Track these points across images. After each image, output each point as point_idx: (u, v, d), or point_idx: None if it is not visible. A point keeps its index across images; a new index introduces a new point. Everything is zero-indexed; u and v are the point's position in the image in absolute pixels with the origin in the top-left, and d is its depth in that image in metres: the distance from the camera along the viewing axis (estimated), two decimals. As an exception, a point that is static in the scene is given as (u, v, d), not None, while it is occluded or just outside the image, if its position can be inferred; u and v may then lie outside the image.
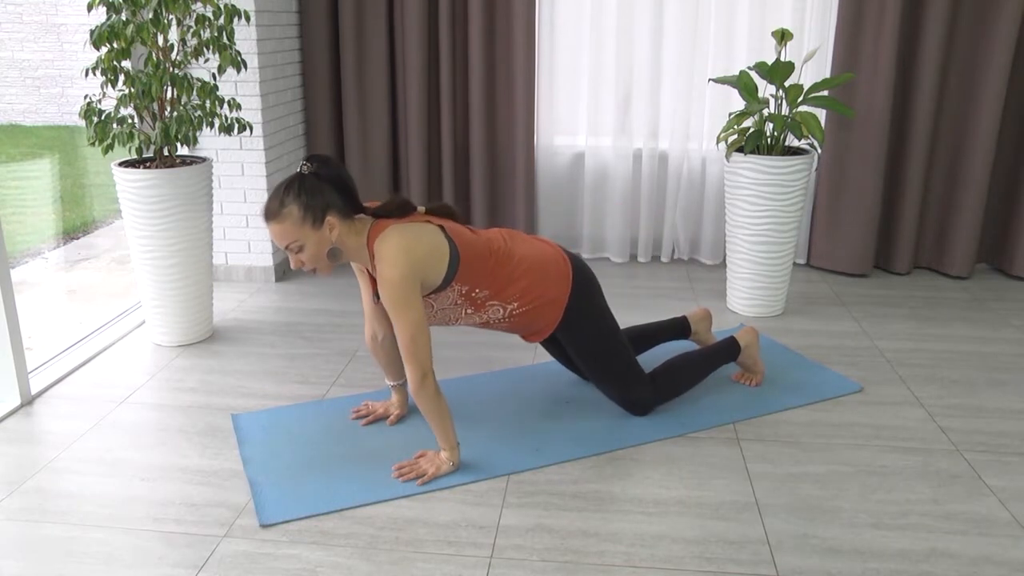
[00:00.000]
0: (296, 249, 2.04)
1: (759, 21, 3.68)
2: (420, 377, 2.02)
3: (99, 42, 2.65)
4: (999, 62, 3.46)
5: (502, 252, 2.21)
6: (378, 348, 2.37)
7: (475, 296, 2.19)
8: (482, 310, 2.23)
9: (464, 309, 2.22)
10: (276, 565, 1.81)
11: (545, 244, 2.34)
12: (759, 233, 3.17)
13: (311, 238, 2.03)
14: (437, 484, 2.10)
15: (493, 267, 2.18)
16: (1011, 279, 3.78)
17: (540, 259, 2.26)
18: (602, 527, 1.94)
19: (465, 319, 2.26)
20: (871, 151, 3.61)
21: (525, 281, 2.22)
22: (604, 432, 2.37)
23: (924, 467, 2.20)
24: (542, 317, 2.28)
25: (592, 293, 2.34)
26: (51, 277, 4.47)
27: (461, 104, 3.91)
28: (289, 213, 2.00)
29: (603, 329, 2.35)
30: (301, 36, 3.84)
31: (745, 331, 2.66)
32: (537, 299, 2.24)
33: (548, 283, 2.25)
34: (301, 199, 2.00)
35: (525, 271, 2.22)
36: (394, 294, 1.99)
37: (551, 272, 2.26)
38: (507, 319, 2.27)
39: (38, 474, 2.16)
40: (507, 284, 2.20)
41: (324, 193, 2.02)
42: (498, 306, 2.23)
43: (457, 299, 2.18)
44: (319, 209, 2.01)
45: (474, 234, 2.21)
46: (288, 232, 2.02)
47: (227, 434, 2.37)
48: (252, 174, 3.56)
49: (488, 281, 2.18)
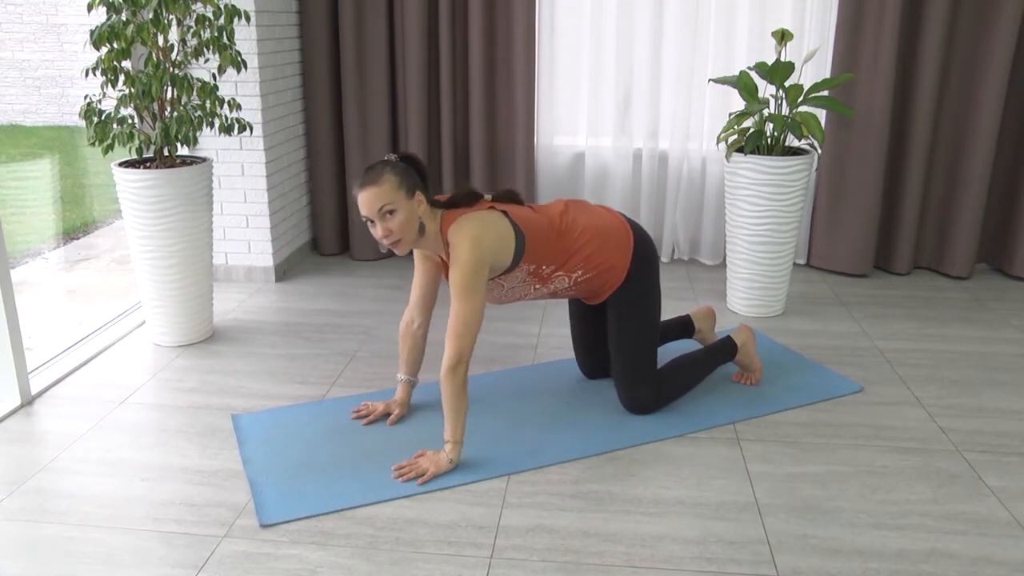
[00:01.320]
0: (388, 212, 2.12)
1: (759, 21, 3.68)
2: (456, 362, 2.09)
3: (99, 42, 2.66)
4: (999, 62, 3.46)
5: (564, 225, 2.32)
6: (409, 334, 2.45)
7: (542, 272, 2.31)
8: (549, 282, 2.35)
9: (532, 285, 2.35)
10: (276, 565, 1.81)
11: (609, 213, 2.44)
12: (759, 233, 3.17)
13: (404, 205, 2.13)
14: (437, 484, 2.10)
15: (555, 242, 2.29)
16: (1011, 279, 3.78)
17: (602, 228, 2.37)
18: (602, 527, 1.94)
19: (534, 293, 2.39)
20: (871, 151, 3.61)
21: (588, 249, 2.33)
22: (604, 432, 2.37)
23: (924, 467, 2.20)
24: (604, 282, 2.39)
25: (651, 266, 2.44)
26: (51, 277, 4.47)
27: (461, 104, 3.91)
28: (388, 179, 2.12)
29: (649, 310, 2.44)
30: (301, 36, 3.84)
31: (740, 330, 2.67)
32: (599, 265, 2.35)
33: (609, 250, 2.36)
34: (397, 170, 2.14)
35: (588, 240, 2.33)
36: (464, 278, 2.10)
37: (612, 239, 2.37)
38: (572, 287, 2.39)
39: (38, 474, 2.16)
40: (570, 255, 2.32)
41: (413, 175, 2.18)
42: (563, 276, 2.35)
43: (525, 277, 2.31)
44: (411, 184, 2.15)
45: (536, 213, 2.32)
46: (385, 194, 2.11)
47: (227, 434, 2.37)
48: (252, 174, 3.56)
49: (552, 256, 2.30)
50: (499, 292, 2.35)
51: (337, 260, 4.06)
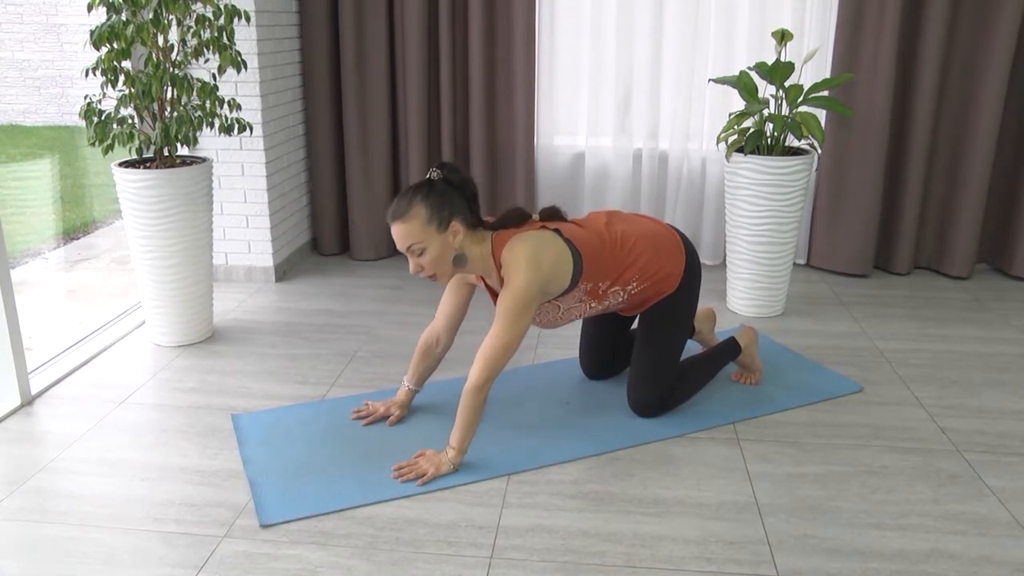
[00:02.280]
0: (418, 252, 2.04)
1: (759, 21, 3.68)
2: (484, 381, 2.05)
3: (99, 42, 2.66)
4: (999, 62, 3.46)
5: (615, 238, 2.24)
6: (429, 352, 2.39)
7: (598, 289, 2.24)
8: (604, 299, 2.28)
9: (588, 303, 2.27)
10: (276, 565, 1.81)
11: (651, 220, 2.38)
12: (759, 233, 3.17)
13: (435, 241, 2.03)
14: (437, 484, 2.10)
15: (610, 256, 2.21)
16: (1011, 279, 3.78)
17: (651, 235, 2.30)
18: (602, 527, 1.94)
19: (588, 312, 2.31)
20: (871, 151, 3.61)
21: (643, 259, 2.26)
22: (604, 432, 2.37)
23: (924, 467, 2.20)
24: (656, 291, 2.32)
25: (699, 270, 2.38)
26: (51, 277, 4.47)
27: (461, 104, 3.91)
28: (416, 214, 2.01)
29: (691, 312, 2.40)
30: (301, 36, 3.84)
31: (744, 331, 2.67)
32: (655, 274, 2.28)
33: (664, 257, 2.29)
34: (429, 200, 2.01)
35: (641, 251, 2.26)
36: (518, 301, 2.02)
37: (665, 246, 2.30)
38: (625, 300, 2.31)
39: (38, 474, 2.16)
40: (626, 268, 2.24)
41: (452, 199, 2.04)
42: (619, 290, 2.27)
43: (582, 296, 2.23)
44: (446, 214, 2.03)
45: (584, 228, 2.23)
46: (413, 233, 2.01)
47: (227, 434, 2.37)
48: (252, 174, 3.56)
49: (608, 271, 2.22)
50: (554, 314, 2.26)
51: (337, 260, 4.06)
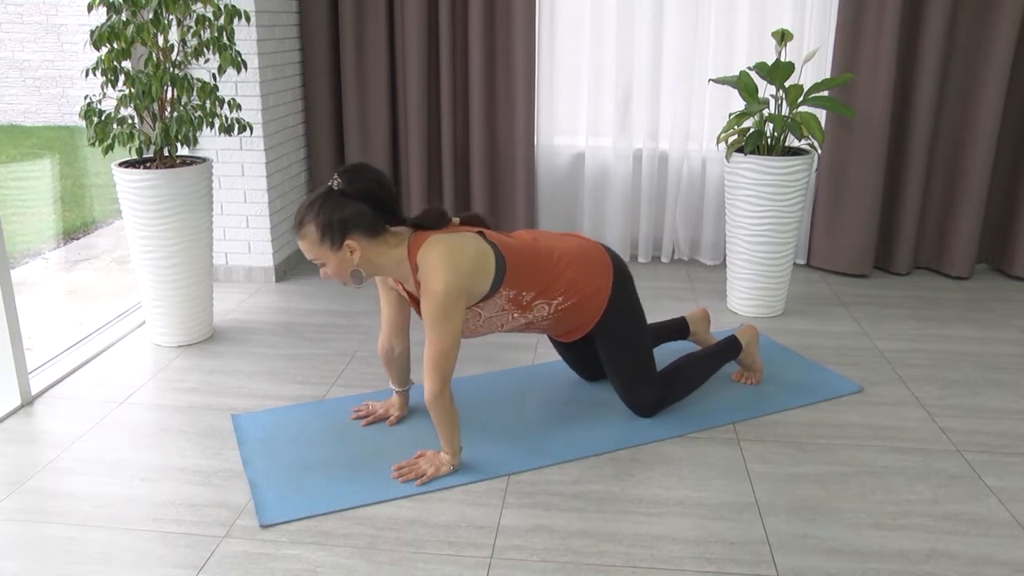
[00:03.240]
0: (320, 264, 2.05)
1: (759, 21, 3.69)
2: (440, 390, 2.02)
3: (99, 42, 2.66)
4: (999, 62, 3.46)
5: (542, 250, 2.19)
6: (392, 361, 2.36)
7: (522, 299, 2.17)
8: (528, 311, 2.21)
9: (511, 314, 2.20)
10: (276, 565, 1.81)
11: (578, 237, 2.34)
12: (759, 233, 3.17)
13: (331, 258, 2.01)
14: (437, 484, 2.10)
15: (537, 266, 2.17)
16: (1011, 279, 3.78)
17: (580, 251, 2.26)
18: (602, 527, 1.94)
19: (511, 323, 2.24)
20: (871, 151, 3.61)
21: (569, 273, 2.21)
22: (604, 432, 2.37)
23: (924, 467, 2.20)
24: (586, 309, 2.27)
25: (629, 283, 2.35)
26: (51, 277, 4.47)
27: (461, 104, 3.91)
28: (308, 232, 1.98)
29: (638, 320, 2.36)
30: (301, 36, 3.84)
31: (745, 329, 2.67)
32: (583, 290, 2.23)
33: (592, 273, 2.24)
34: (320, 219, 1.96)
35: (568, 264, 2.21)
36: (438, 306, 1.95)
37: (592, 262, 2.26)
38: (551, 316, 2.25)
39: (38, 474, 2.16)
40: (551, 280, 2.19)
41: (347, 211, 1.96)
42: (543, 303, 2.21)
43: (504, 304, 2.16)
44: (337, 230, 1.96)
45: (510, 237, 2.20)
46: (309, 249, 2.02)
47: (227, 434, 2.37)
48: (252, 174, 3.56)
49: (534, 281, 2.16)
50: (475, 322, 2.18)
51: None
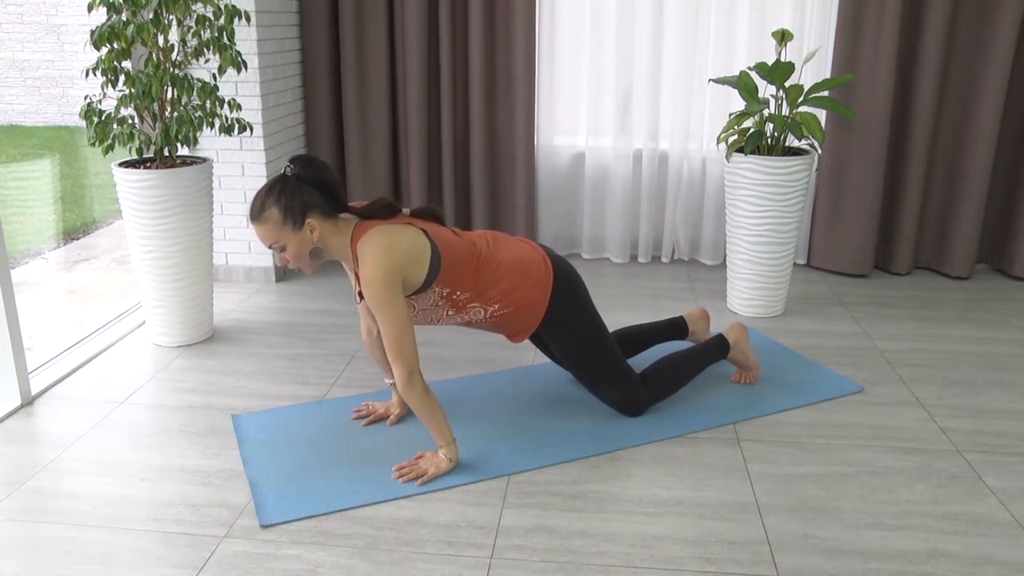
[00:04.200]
0: (279, 248, 2.10)
1: (759, 21, 3.69)
2: (407, 374, 2.05)
3: (99, 42, 2.66)
4: (999, 62, 3.46)
5: (484, 255, 2.23)
6: (373, 343, 2.41)
7: (456, 298, 2.22)
8: (463, 311, 2.26)
9: (446, 310, 2.25)
10: (276, 565, 1.81)
11: (528, 246, 2.35)
12: (759, 233, 3.17)
13: (292, 239, 2.07)
14: (437, 484, 2.10)
15: (475, 270, 2.21)
16: (1011, 279, 3.78)
17: (521, 262, 2.28)
18: (602, 527, 1.94)
19: (447, 319, 2.29)
20: (871, 151, 3.61)
21: (505, 284, 2.24)
22: (604, 432, 2.37)
23: (924, 467, 2.20)
24: (523, 319, 2.31)
25: (575, 296, 2.35)
26: (51, 277, 4.47)
27: (461, 104, 3.91)
28: (270, 216, 2.05)
29: (587, 332, 2.36)
30: (301, 36, 3.84)
31: (731, 327, 2.66)
32: (517, 302, 2.27)
33: (528, 287, 2.27)
34: (281, 202, 2.05)
35: (505, 274, 2.24)
36: (376, 293, 2.03)
37: (531, 275, 2.28)
38: (488, 319, 2.30)
39: (38, 474, 2.16)
40: (487, 287, 2.23)
41: (304, 195, 2.06)
42: (479, 307, 2.26)
43: (438, 300, 2.21)
44: (299, 211, 2.05)
45: (457, 237, 2.23)
46: (269, 233, 2.07)
47: (227, 434, 2.37)
48: (252, 174, 3.56)
49: (469, 284, 2.21)
50: (410, 312, 2.22)
51: (337, 260, 4.05)
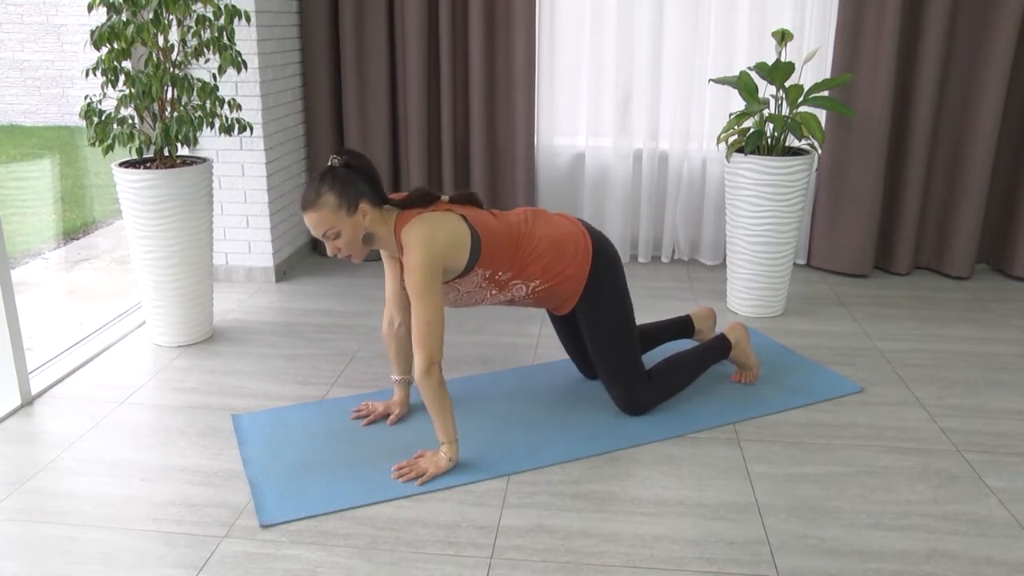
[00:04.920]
0: (333, 236, 2.13)
1: (759, 21, 3.69)
2: (427, 364, 2.07)
3: (99, 42, 2.66)
4: (999, 63, 3.46)
5: (523, 233, 2.29)
6: (392, 335, 2.43)
7: (498, 278, 2.28)
8: (505, 289, 2.32)
9: (489, 291, 2.31)
10: (276, 565, 1.81)
11: (568, 221, 2.41)
12: (759, 233, 3.17)
13: (347, 224, 2.12)
14: (437, 484, 2.10)
15: (513, 249, 2.27)
16: (1011, 279, 3.78)
17: (560, 237, 2.34)
18: (602, 527, 1.94)
19: (491, 299, 2.36)
20: (871, 151, 3.61)
21: (546, 259, 2.30)
22: (604, 432, 2.37)
23: (924, 467, 2.20)
24: (564, 292, 2.36)
25: (613, 273, 2.40)
26: (51, 277, 4.47)
27: (461, 104, 3.91)
28: (325, 202, 2.10)
29: (619, 312, 2.40)
30: (301, 36, 3.84)
31: (732, 327, 2.67)
32: (557, 275, 2.32)
33: (566, 260, 2.33)
34: (336, 188, 2.11)
35: (545, 250, 2.30)
36: (417, 280, 2.08)
37: (569, 250, 2.34)
38: (530, 295, 2.36)
39: (38, 474, 2.16)
40: (528, 264, 2.29)
41: (356, 183, 2.13)
42: (520, 284, 2.32)
43: (481, 282, 2.27)
44: (353, 197, 2.11)
45: (495, 218, 2.29)
46: (325, 219, 2.11)
47: (227, 434, 2.37)
48: (252, 174, 3.56)
49: (509, 263, 2.27)
50: (454, 296, 2.31)
51: (337, 260, 4.06)
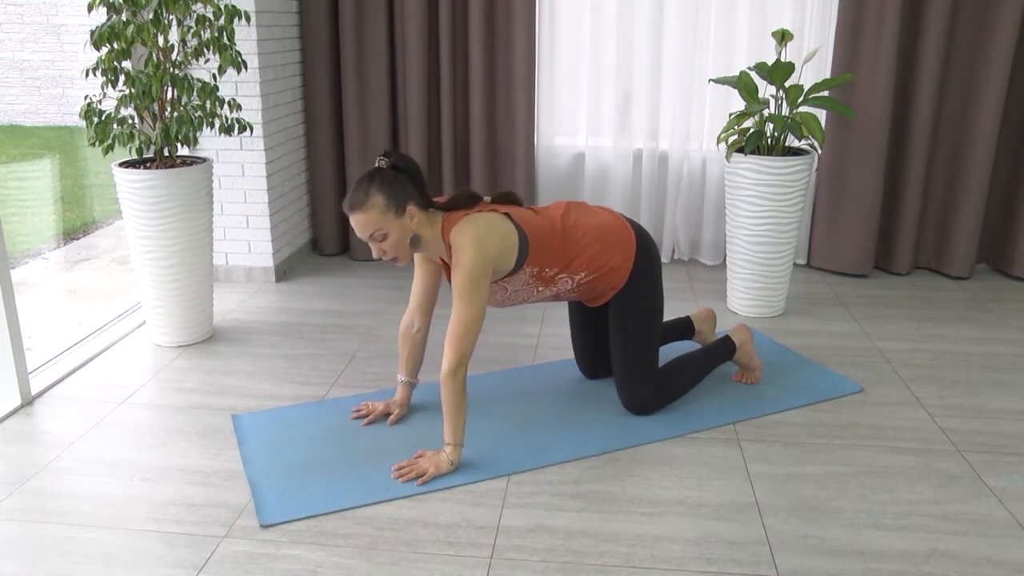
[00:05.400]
0: (380, 238, 2.12)
1: (759, 21, 3.69)
2: (456, 365, 2.08)
3: (99, 43, 2.66)
4: (999, 62, 3.46)
5: (567, 227, 2.30)
6: (409, 338, 2.44)
7: (545, 274, 2.30)
8: (552, 284, 2.34)
9: (536, 287, 2.33)
10: (276, 565, 1.81)
11: (610, 213, 2.42)
12: (759, 233, 3.17)
13: (394, 226, 2.11)
14: (437, 484, 2.10)
15: (559, 244, 2.27)
16: (1011, 279, 3.78)
17: (603, 228, 2.35)
18: (602, 527, 1.94)
19: (536, 296, 2.37)
20: (871, 151, 3.61)
21: (591, 250, 2.31)
22: (604, 432, 2.37)
23: (924, 467, 2.20)
24: (607, 283, 2.37)
25: (654, 267, 2.42)
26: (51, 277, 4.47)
27: (461, 104, 3.91)
28: (374, 203, 2.08)
29: (653, 309, 2.42)
30: (301, 36, 3.84)
31: (738, 329, 2.67)
32: (603, 266, 2.33)
33: (611, 251, 2.34)
34: (384, 189, 2.09)
35: (590, 242, 2.31)
36: (465, 281, 2.08)
37: (613, 240, 2.35)
38: (575, 288, 2.37)
39: (38, 474, 2.16)
40: (573, 257, 2.30)
41: (404, 184, 2.12)
42: (566, 278, 2.33)
43: (528, 279, 2.29)
44: (401, 199, 2.10)
45: (537, 215, 2.30)
46: (373, 221, 2.09)
47: (227, 434, 2.37)
48: (252, 174, 3.56)
49: (556, 258, 2.28)
50: (502, 295, 2.33)
51: (337, 260, 4.06)
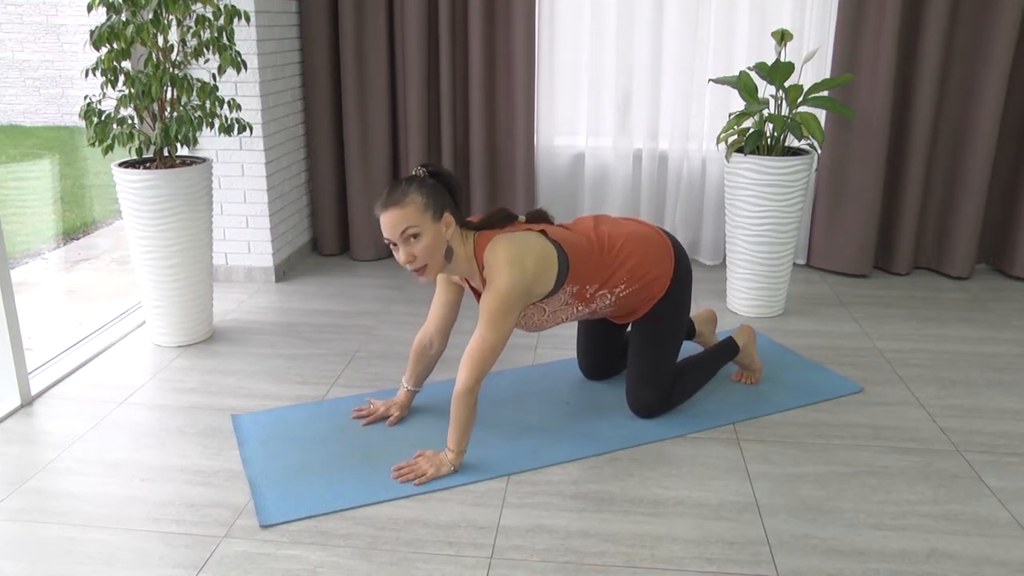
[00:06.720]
0: (412, 236, 2.00)
1: (759, 21, 3.68)
2: (472, 385, 2.05)
3: (99, 43, 2.66)
4: (999, 62, 3.46)
5: (603, 240, 2.23)
6: (423, 355, 2.39)
7: (585, 292, 2.22)
8: (591, 302, 2.26)
9: (575, 307, 2.25)
10: (276, 566, 1.81)
11: (638, 222, 2.35)
12: (759, 233, 3.17)
13: (429, 228, 2.00)
14: (437, 484, 2.10)
15: (598, 258, 2.20)
16: (1011, 279, 3.78)
17: (639, 237, 2.28)
18: (602, 527, 1.94)
19: (574, 315, 2.29)
20: (871, 151, 3.61)
21: (631, 261, 2.24)
22: (604, 432, 2.37)
23: (924, 467, 2.20)
24: (646, 294, 2.30)
25: (689, 274, 2.37)
26: (51, 277, 4.47)
27: (461, 104, 3.91)
28: (413, 200, 1.98)
29: (682, 319, 2.38)
30: (301, 36, 3.84)
31: (742, 330, 2.67)
32: (644, 276, 2.27)
33: (652, 259, 2.27)
34: (423, 190, 2.00)
35: (630, 252, 2.24)
36: (498, 305, 2.01)
37: (652, 249, 2.28)
38: (614, 303, 2.29)
39: (38, 474, 2.16)
40: (615, 270, 2.23)
41: (442, 193, 2.04)
42: (606, 293, 2.25)
43: (568, 299, 2.21)
44: (439, 204, 2.02)
45: (571, 231, 2.22)
46: (409, 216, 1.98)
47: (227, 434, 2.37)
48: (252, 174, 3.56)
49: (596, 274, 2.20)
50: (540, 317, 2.23)
51: (337, 260, 4.06)
